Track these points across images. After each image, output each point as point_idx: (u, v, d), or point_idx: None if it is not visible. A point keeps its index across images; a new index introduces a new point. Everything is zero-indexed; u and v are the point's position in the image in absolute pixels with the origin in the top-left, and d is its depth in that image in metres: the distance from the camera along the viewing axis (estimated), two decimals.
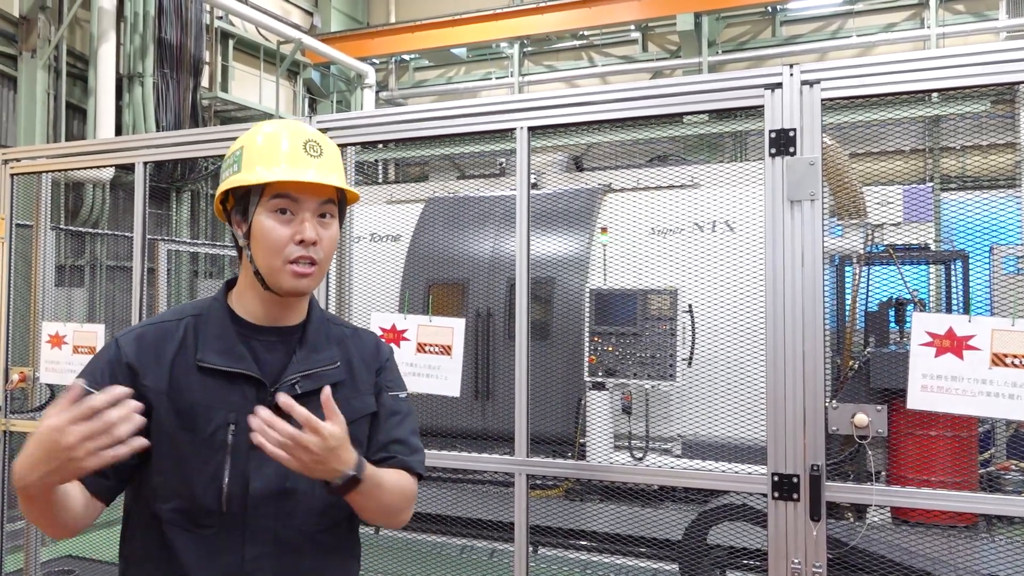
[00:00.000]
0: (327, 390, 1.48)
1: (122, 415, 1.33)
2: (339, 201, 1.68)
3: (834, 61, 2.46)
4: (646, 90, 2.67)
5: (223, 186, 1.65)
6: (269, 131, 1.67)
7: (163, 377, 1.58)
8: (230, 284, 1.73)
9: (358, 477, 1.50)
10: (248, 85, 11.97)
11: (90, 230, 8.46)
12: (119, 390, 1.35)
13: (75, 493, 1.52)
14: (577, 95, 2.79)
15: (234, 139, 3.35)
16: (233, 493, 1.56)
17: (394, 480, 1.65)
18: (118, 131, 9.29)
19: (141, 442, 1.36)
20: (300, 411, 1.42)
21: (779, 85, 2.45)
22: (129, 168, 3.56)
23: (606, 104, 2.73)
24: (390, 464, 1.69)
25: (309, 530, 1.62)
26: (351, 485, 1.50)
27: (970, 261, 6.26)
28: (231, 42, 11.68)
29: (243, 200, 1.63)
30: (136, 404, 1.36)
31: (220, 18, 11.34)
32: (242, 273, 1.68)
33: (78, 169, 4.03)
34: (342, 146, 3.14)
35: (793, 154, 2.40)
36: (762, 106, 2.47)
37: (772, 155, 2.43)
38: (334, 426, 1.44)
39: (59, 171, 3.93)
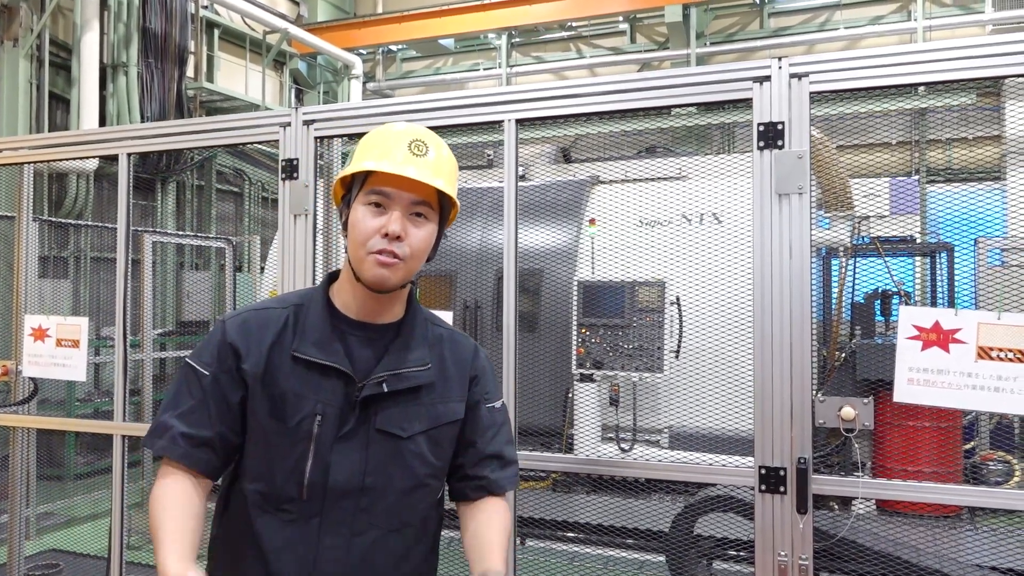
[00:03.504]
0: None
1: None
2: (442, 206, 1.70)
3: (822, 54, 2.45)
4: (635, 82, 2.66)
5: (336, 177, 1.72)
6: (384, 128, 1.71)
7: (260, 362, 1.64)
8: (333, 276, 1.77)
9: None
10: (234, 75, 11.88)
11: (74, 221, 8.38)
12: None
13: (199, 511, 1.62)
14: (566, 87, 2.78)
15: (220, 130, 3.35)
16: (314, 482, 1.61)
17: (503, 535, 1.70)
18: (102, 121, 9.20)
19: None
20: None
21: (767, 78, 2.44)
22: (113, 159, 3.52)
23: (595, 96, 2.72)
24: (478, 487, 1.76)
25: (383, 528, 1.66)
26: None
27: (955, 253, 6.30)
28: (217, 32, 11.59)
29: (349, 192, 1.69)
30: None
31: (205, 7, 11.23)
32: (344, 264, 1.73)
33: (61, 160, 3.98)
34: (328, 137, 3.12)
35: (781, 147, 2.40)
36: (751, 99, 2.47)
37: (760, 148, 2.43)
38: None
39: (42, 162, 3.88)
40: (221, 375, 1.65)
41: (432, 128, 3.03)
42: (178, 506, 1.58)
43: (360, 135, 3.20)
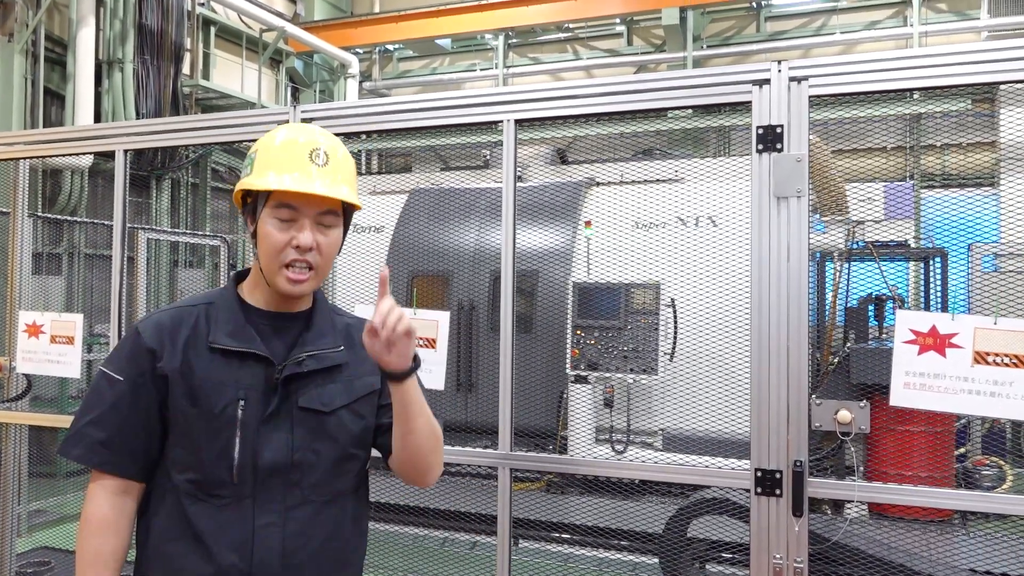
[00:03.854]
0: (385, 270, 1.64)
1: None
2: (344, 207, 1.76)
3: (821, 58, 2.46)
4: (636, 84, 2.66)
5: (238, 186, 1.75)
6: (281, 137, 1.74)
7: (176, 359, 1.69)
8: (240, 275, 1.84)
9: (416, 365, 1.66)
10: (230, 73, 11.85)
11: (68, 218, 8.35)
12: None
13: (125, 533, 1.73)
14: (565, 88, 2.78)
15: (215, 128, 3.34)
16: (243, 464, 1.66)
17: (428, 408, 1.75)
18: (97, 118, 9.16)
19: None
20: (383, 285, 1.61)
21: (767, 81, 2.44)
22: (108, 156, 3.50)
23: (595, 97, 2.72)
24: None
25: (315, 501, 1.72)
26: (415, 369, 1.65)
27: (949, 258, 6.32)
28: (213, 29, 11.55)
29: (254, 201, 1.73)
30: None
31: (202, 4, 11.20)
32: (254, 266, 1.79)
33: (56, 156, 3.96)
34: None
35: (780, 150, 2.41)
36: (750, 102, 2.47)
37: (759, 151, 2.43)
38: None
39: (36, 158, 3.86)
40: (136, 378, 1.71)
41: (430, 128, 3.04)
42: (100, 532, 1.68)
43: (358, 134, 3.20)
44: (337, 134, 3.12)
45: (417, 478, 1.80)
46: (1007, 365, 2.14)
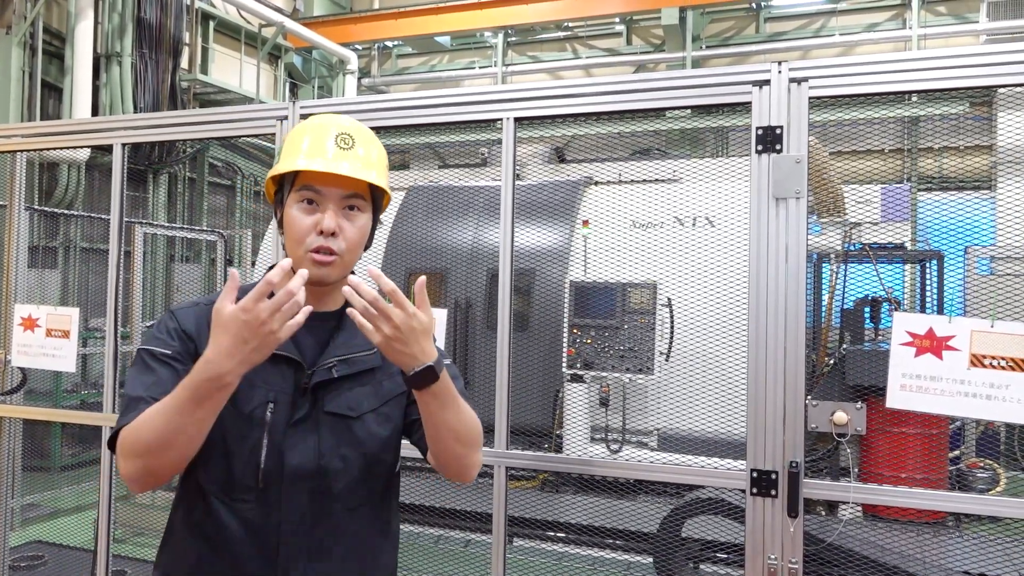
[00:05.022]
0: (422, 279, 1.53)
1: (297, 284, 1.41)
2: (373, 196, 1.72)
3: (822, 59, 2.46)
4: (636, 83, 2.66)
5: (267, 176, 1.74)
6: (308, 124, 1.73)
7: None
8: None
9: (435, 371, 1.52)
10: (228, 68, 11.83)
11: (65, 211, 8.32)
12: (288, 262, 1.43)
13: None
14: (565, 86, 2.78)
15: (212, 122, 3.34)
16: (269, 469, 1.61)
17: (466, 405, 1.66)
18: (94, 111, 9.14)
19: (307, 310, 1.43)
20: (386, 282, 1.48)
21: (767, 82, 2.45)
22: (105, 149, 3.50)
23: (595, 96, 2.72)
24: None
25: (342, 508, 1.67)
26: (428, 378, 1.52)
27: (945, 261, 6.34)
28: (212, 24, 11.53)
29: (281, 191, 1.72)
30: (303, 272, 1.44)
31: None
32: None
33: (53, 149, 3.95)
34: None
35: (779, 151, 2.41)
36: (749, 102, 2.47)
37: (758, 152, 2.43)
38: (422, 312, 1.50)
39: (34, 151, 3.85)
40: (178, 353, 1.64)
41: (428, 125, 3.03)
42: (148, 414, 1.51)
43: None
44: None
45: (454, 475, 1.73)
46: (1004, 368, 2.15)
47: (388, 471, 1.77)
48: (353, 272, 1.75)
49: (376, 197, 1.74)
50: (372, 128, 3.12)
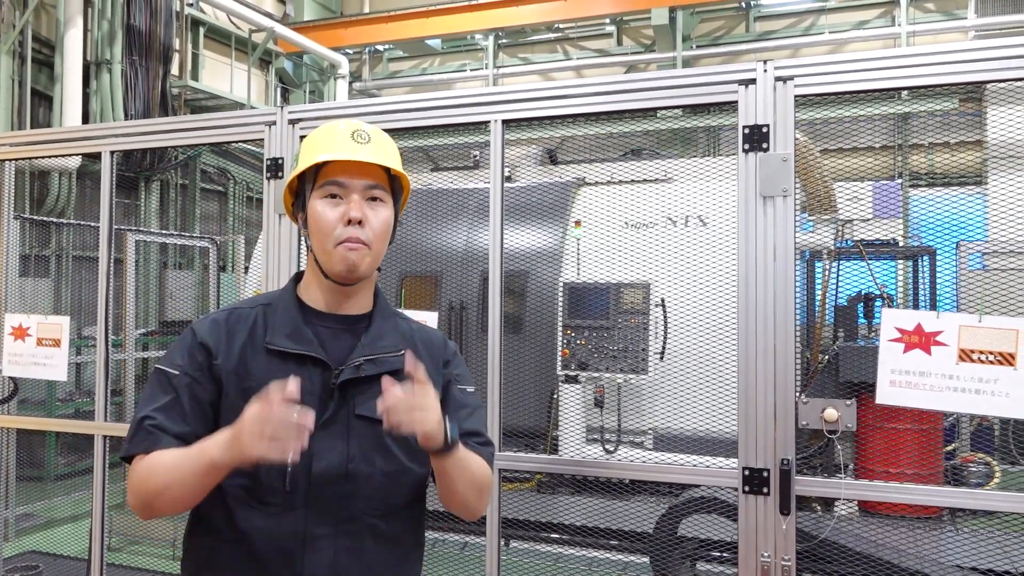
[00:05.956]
0: (411, 359, 1.54)
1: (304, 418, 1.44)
2: (394, 191, 1.76)
3: (807, 58, 2.47)
4: (622, 84, 2.67)
5: (285, 181, 1.80)
6: (322, 128, 1.76)
7: (233, 359, 1.66)
8: (298, 277, 1.80)
9: (456, 439, 1.57)
10: (219, 74, 11.81)
11: (56, 219, 8.30)
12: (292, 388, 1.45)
13: None
14: (552, 88, 2.78)
15: (205, 128, 3.33)
16: (296, 473, 1.59)
17: (475, 458, 1.69)
18: (85, 119, 9.12)
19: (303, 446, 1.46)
20: (418, 371, 1.53)
21: (753, 81, 2.45)
22: (96, 157, 3.49)
23: (581, 98, 2.72)
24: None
25: (369, 515, 1.66)
26: (449, 448, 1.56)
27: (937, 257, 6.36)
28: (202, 30, 11.52)
29: (301, 194, 1.74)
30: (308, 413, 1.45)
31: (191, 5, 11.16)
32: (308, 264, 1.76)
33: (43, 157, 3.94)
34: None
35: (766, 150, 2.41)
36: (736, 101, 2.48)
37: (745, 151, 2.44)
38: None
39: (24, 159, 3.84)
40: (194, 372, 1.65)
41: (418, 128, 3.04)
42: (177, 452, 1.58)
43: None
44: None
45: (459, 514, 1.74)
46: (991, 362, 2.15)
47: (417, 481, 1.74)
48: (379, 269, 1.76)
49: (396, 192, 1.77)
50: None
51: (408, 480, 1.71)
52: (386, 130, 3.05)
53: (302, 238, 1.76)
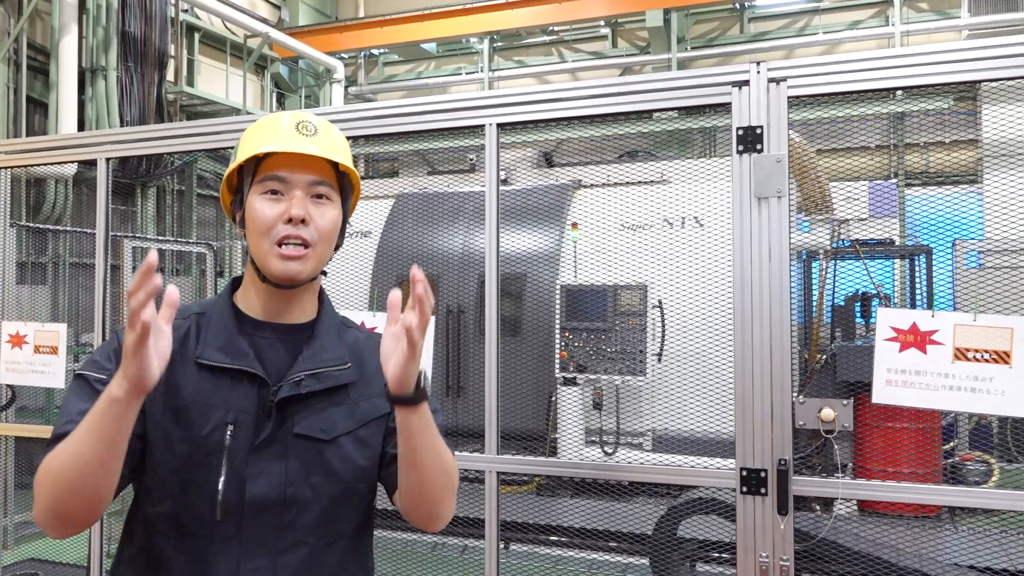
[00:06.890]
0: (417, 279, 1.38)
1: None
2: (343, 189, 1.59)
3: (800, 59, 2.48)
4: (616, 86, 2.67)
5: (223, 182, 1.60)
6: (263, 119, 1.60)
7: (161, 375, 1.44)
8: (236, 282, 1.62)
9: (426, 391, 1.40)
10: (215, 79, 11.81)
11: (52, 227, 8.29)
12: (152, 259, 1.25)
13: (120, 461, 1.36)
14: (547, 91, 2.79)
15: (198, 135, 3.33)
16: (228, 500, 1.43)
17: (440, 437, 1.50)
18: (81, 126, 9.11)
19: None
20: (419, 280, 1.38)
21: (746, 83, 2.46)
22: (93, 163, 3.49)
23: (576, 100, 2.73)
24: None
25: (311, 544, 1.49)
26: (422, 396, 1.39)
27: (933, 256, 6.37)
28: (197, 35, 11.51)
29: (240, 190, 1.57)
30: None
31: (186, 11, 11.16)
32: (246, 267, 1.59)
33: (39, 165, 3.94)
34: None
35: (760, 151, 2.42)
36: (730, 103, 2.48)
37: (740, 152, 2.45)
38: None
39: (19, 166, 3.84)
40: (112, 376, 1.40)
41: (415, 132, 3.04)
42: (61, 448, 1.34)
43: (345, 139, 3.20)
44: None
45: (422, 521, 1.57)
46: (987, 361, 2.16)
47: (364, 503, 1.59)
48: (324, 273, 1.59)
49: (345, 192, 1.60)
50: (357, 137, 3.14)
51: (354, 503, 1.56)
52: (383, 135, 3.08)
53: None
